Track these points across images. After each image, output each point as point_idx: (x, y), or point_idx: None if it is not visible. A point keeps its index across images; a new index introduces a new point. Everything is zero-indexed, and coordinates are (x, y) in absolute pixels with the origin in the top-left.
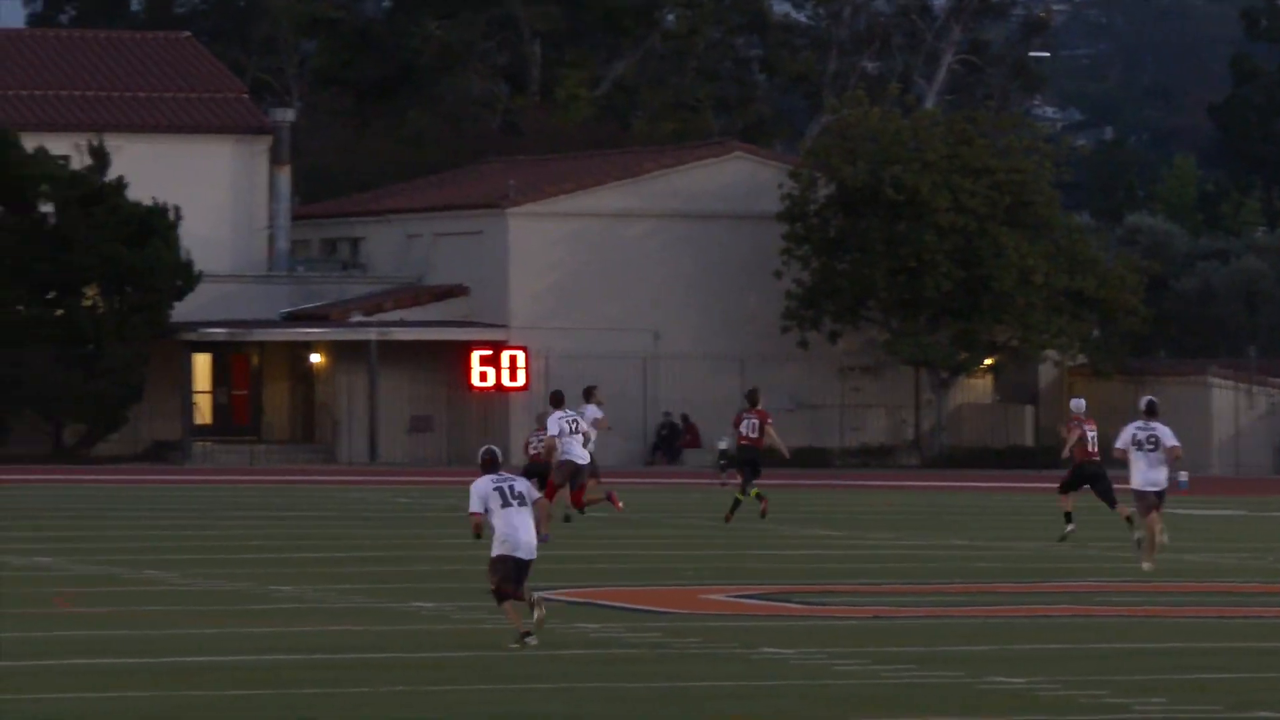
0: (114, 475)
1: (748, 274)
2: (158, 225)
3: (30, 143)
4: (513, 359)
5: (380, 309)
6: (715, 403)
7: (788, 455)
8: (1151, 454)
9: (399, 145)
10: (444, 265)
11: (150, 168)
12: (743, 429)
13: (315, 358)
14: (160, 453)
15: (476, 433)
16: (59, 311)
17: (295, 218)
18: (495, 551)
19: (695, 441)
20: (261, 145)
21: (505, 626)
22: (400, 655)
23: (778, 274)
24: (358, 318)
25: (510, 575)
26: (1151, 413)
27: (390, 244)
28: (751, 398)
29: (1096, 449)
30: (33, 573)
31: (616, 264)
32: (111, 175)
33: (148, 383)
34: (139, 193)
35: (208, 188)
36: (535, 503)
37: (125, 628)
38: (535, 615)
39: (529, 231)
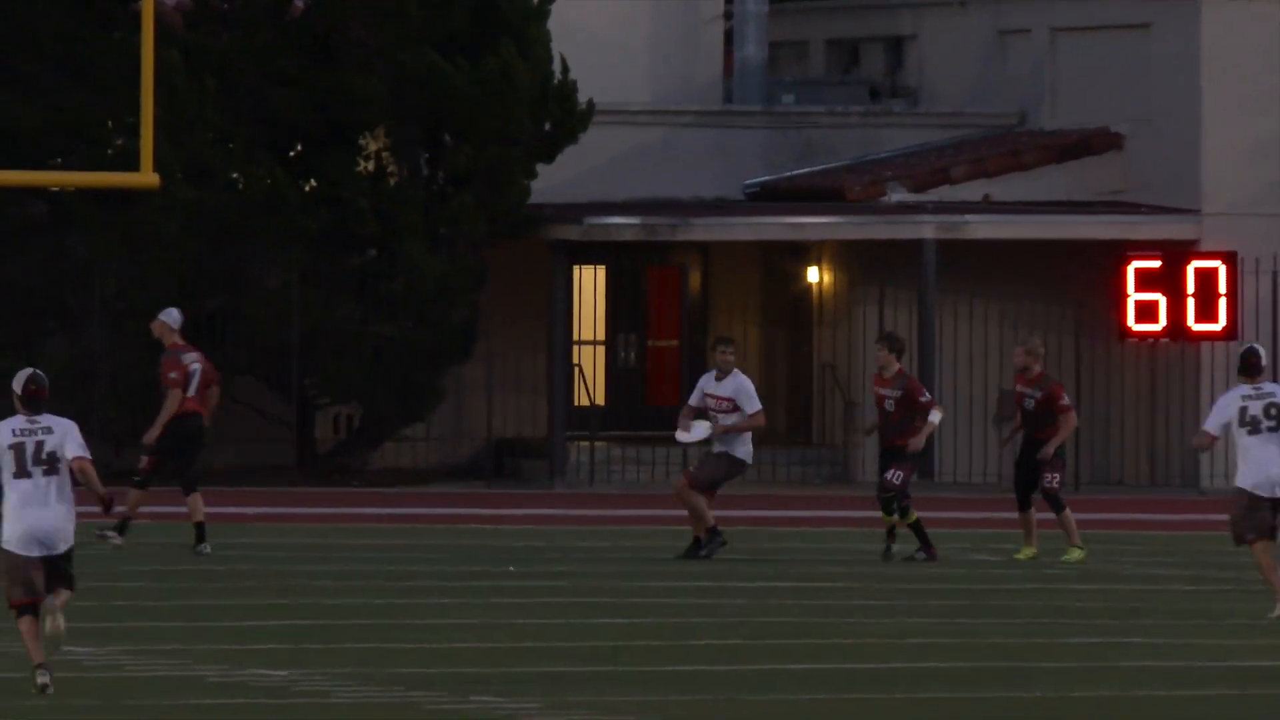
0: (405, 505)
1: None
2: (510, 18)
3: None
4: (1205, 277)
5: (945, 179)
6: None
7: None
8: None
9: None
10: (1071, 95)
11: None
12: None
13: (814, 274)
14: (507, 462)
15: (1139, 420)
16: (311, 183)
17: (776, 0)
18: (6, 543)
19: None
20: None
21: None
22: None
23: None
24: (900, 195)
25: (35, 584)
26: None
27: (965, 52)
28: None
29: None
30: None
31: None
32: None
33: (481, 326)
34: None
35: None
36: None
37: None
38: (50, 625)
39: (1242, 29)
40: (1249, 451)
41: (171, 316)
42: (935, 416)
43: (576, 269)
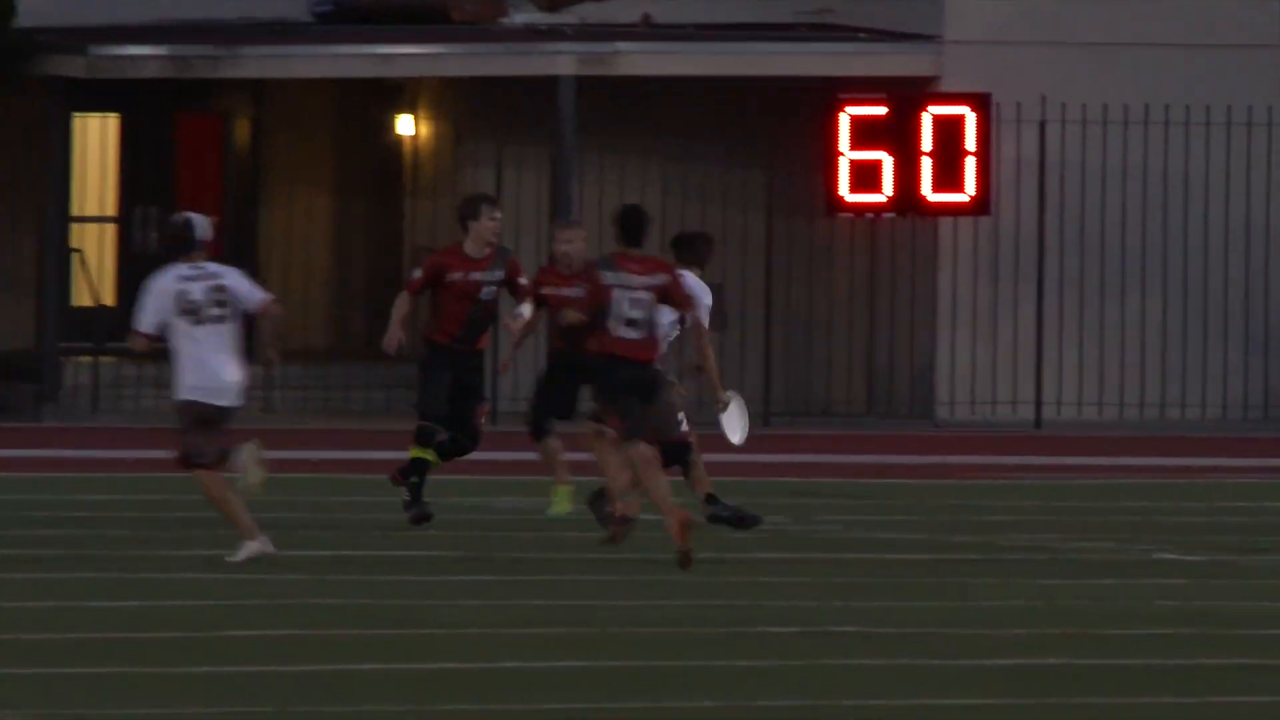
0: None
1: None
2: None
3: None
4: (947, 128)
5: None
6: None
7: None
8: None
9: None
10: None
11: None
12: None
13: (406, 124)
14: None
15: (854, 326)
16: None
17: None
18: None
19: None
20: None
21: None
22: None
23: None
24: (527, 16)
25: None
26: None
27: None
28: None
29: None
30: None
31: None
32: None
33: None
34: None
35: None
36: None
37: None
38: None
39: None
40: (191, 348)
41: None
42: (525, 310)
43: (79, 119)
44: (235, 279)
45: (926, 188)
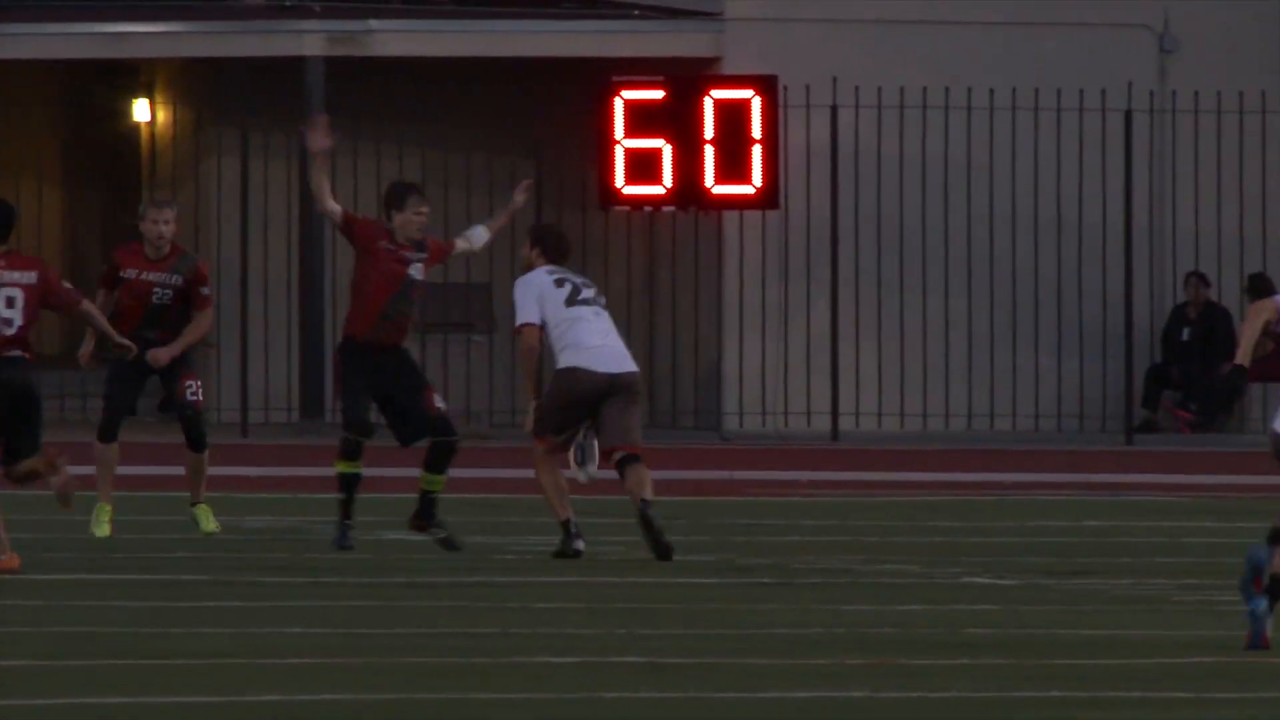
0: None
1: None
2: None
3: None
4: (731, 114)
5: None
6: None
7: None
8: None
9: None
10: None
11: None
12: None
13: (143, 110)
14: None
15: (633, 329)
16: None
17: None
18: None
19: None
20: None
21: None
22: None
23: None
24: None
25: None
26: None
27: None
28: None
29: None
30: None
31: None
32: None
33: None
34: None
35: None
36: None
37: None
38: None
39: None
40: None
41: None
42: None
43: None
44: None
45: (709, 178)
